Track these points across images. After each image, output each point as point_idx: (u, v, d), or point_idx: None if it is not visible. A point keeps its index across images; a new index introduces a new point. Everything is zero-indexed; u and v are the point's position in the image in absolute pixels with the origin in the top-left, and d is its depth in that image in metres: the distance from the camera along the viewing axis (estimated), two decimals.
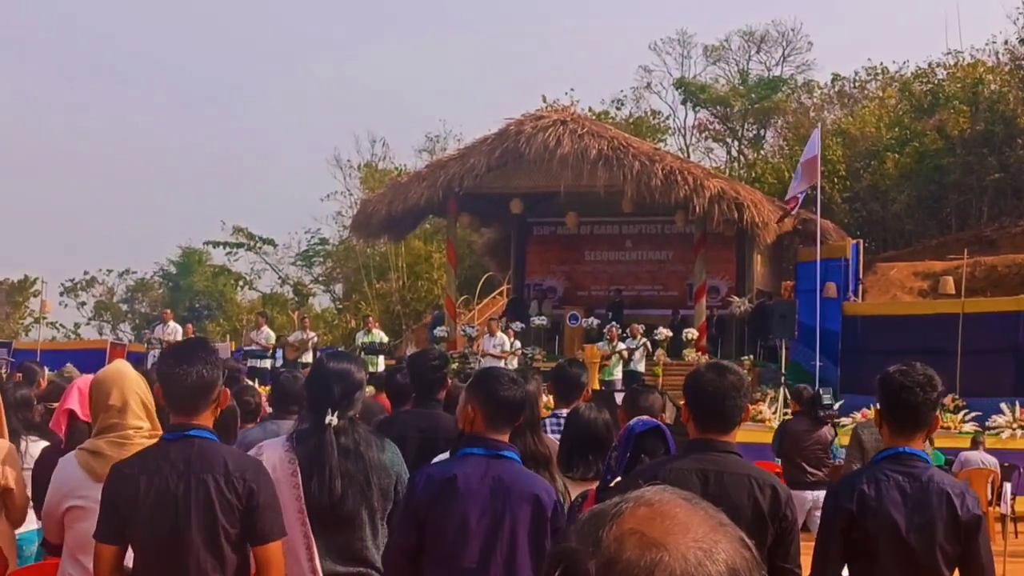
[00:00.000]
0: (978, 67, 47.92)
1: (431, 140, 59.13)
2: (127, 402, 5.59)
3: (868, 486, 5.11)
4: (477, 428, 5.26)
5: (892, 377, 5.21)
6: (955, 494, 5.07)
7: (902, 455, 5.16)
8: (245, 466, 5.03)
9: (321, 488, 5.59)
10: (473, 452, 5.19)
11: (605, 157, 30.88)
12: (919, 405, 5.15)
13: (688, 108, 60.83)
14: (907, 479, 5.08)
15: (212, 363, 5.07)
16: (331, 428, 5.66)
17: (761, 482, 5.01)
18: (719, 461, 5.00)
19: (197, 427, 5.00)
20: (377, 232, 36.22)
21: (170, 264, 71.73)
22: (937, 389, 5.20)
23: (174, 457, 4.92)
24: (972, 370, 24.86)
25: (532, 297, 36.22)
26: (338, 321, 55.12)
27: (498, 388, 5.28)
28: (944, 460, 17.74)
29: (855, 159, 48.22)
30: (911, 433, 5.20)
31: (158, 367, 5.21)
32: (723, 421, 5.07)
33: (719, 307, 33.54)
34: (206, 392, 5.04)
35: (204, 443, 4.99)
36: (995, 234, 42.08)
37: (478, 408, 5.29)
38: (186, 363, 5.00)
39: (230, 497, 4.89)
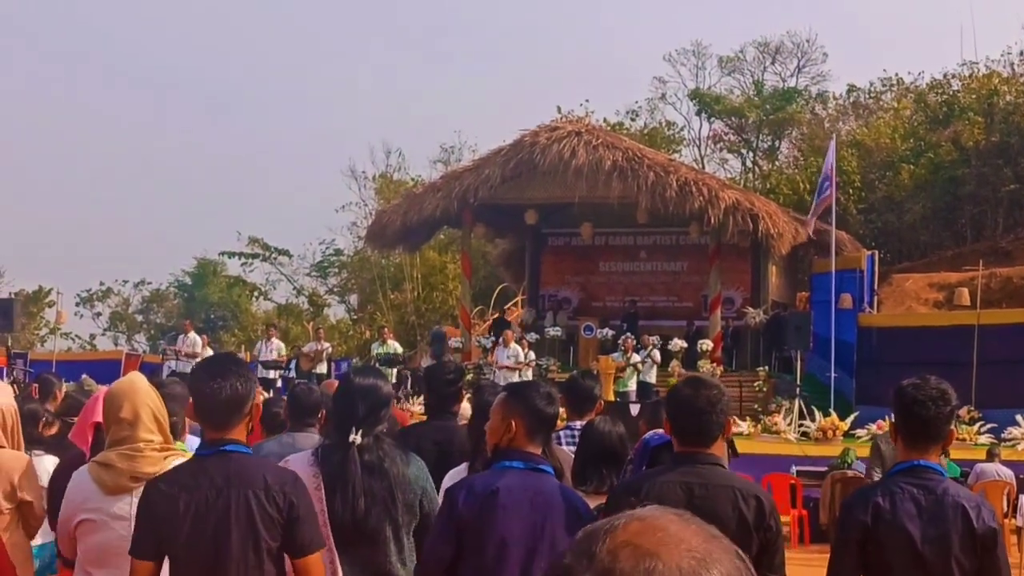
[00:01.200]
0: (993, 78, 47.83)
1: (446, 151, 59.14)
2: (138, 415, 5.60)
3: (883, 499, 5.12)
4: (517, 442, 5.27)
5: (906, 391, 5.23)
6: (971, 507, 5.07)
7: (917, 468, 5.17)
8: (284, 479, 5.04)
9: (344, 506, 5.58)
10: (513, 465, 5.20)
11: (620, 168, 30.90)
12: (933, 418, 5.16)
13: (703, 119, 60.83)
14: (922, 492, 5.09)
15: (246, 377, 5.09)
16: (355, 446, 5.66)
17: (745, 493, 5.04)
18: (703, 473, 5.04)
19: (232, 441, 5.01)
20: (392, 243, 36.28)
21: (185, 275, 71.80)
22: (951, 403, 5.20)
23: (213, 473, 4.92)
24: (988, 382, 24.83)
25: (547, 308, 36.22)
26: (353, 332, 55.13)
27: (539, 402, 5.32)
28: (959, 472, 17.71)
29: (870, 170, 48.14)
30: (925, 446, 5.21)
31: (191, 382, 5.22)
32: (702, 435, 5.12)
33: (734, 318, 33.50)
34: (240, 406, 5.05)
35: (242, 458, 5.01)
36: (1010, 245, 42.00)
37: (520, 421, 5.29)
38: (220, 378, 5.01)
39: (271, 511, 4.91)
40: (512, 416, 5.32)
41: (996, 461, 18.26)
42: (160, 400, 5.76)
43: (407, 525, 5.75)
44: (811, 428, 22.73)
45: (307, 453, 5.87)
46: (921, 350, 26.03)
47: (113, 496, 5.41)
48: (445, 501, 5.32)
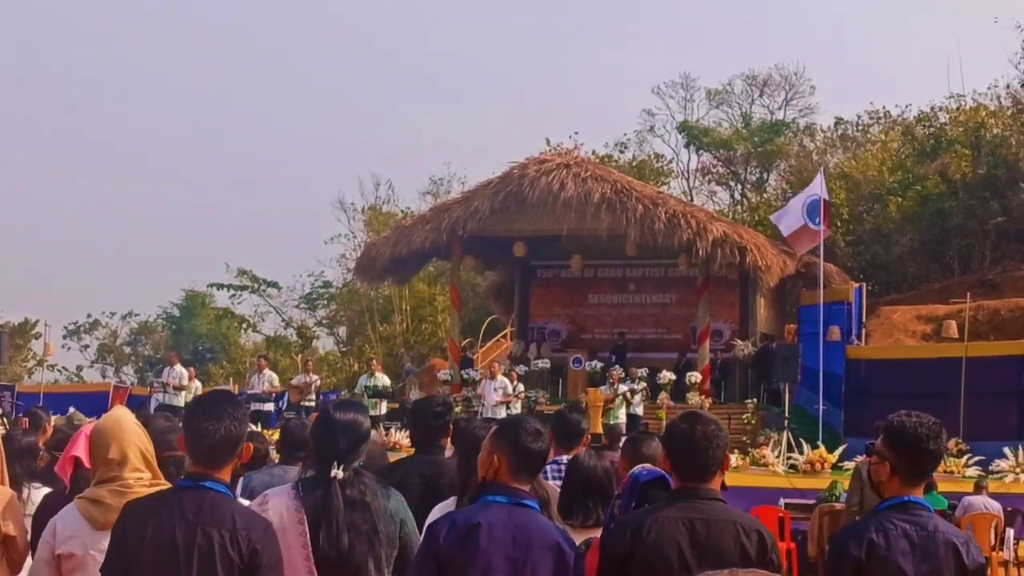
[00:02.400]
0: (980, 111, 48.06)
1: (435, 183, 59.25)
2: (126, 455, 5.59)
3: (877, 534, 5.13)
4: (501, 477, 5.26)
5: (906, 427, 5.23)
6: (960, 543, 5.12)
7: (908, 504, 5.19)
8: (253, 525, 5.00)
9: (329, 541, 5.57)
10: (496, 500, 5.19)
11: (608, 200, 30.98)
12: (932, 453, 5.22)
13: (691, 151, 61.03)
14: (914, 528, 5.11)
15: (239, 419, 5.09)
16: (336, 481, 5.66)
17: (747, 528, 5.03)
18: (704, 509, 5.03)
19: (213, 479, 5.00)
20: (381, 275, 36.32)
21: (173, 307, 71.78)
22: (944, 438, 5.27)
23: (186, 506, 4.91)
24: (975, 414, 24.83)
25: (536, 340, 36.21)
26: (342, 364, 55.09)
27: (525, 439, 5.30)
28: (947, 505, 17.71)
29: (858, 202, 48.29)
30: (918, 481, 5.26)
31: (185, 421, 5.17)
32: (700, 471, 5.12)
33: (723, 350, 33.54)
34: (232, 448, 5.06)
35: (217, 496, 4.98)
36: (998, 278, 42.11)
37: (504, 458, 5.30)
38: (215, 419, 5.01)
39: (232, 554, 4.86)
40: (497, 451, 5.32)
41: (984, 494, 18.26)
42: (147, 436, 5.75)
43: (387, 557, 5.75)
44: (799, 460, 22.69)
45: (288, 486, 5.86)
46: (909, 382, 26.03)
47: (101, 532, 5.39)
48: (426, 535, 5.32)
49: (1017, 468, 21.71)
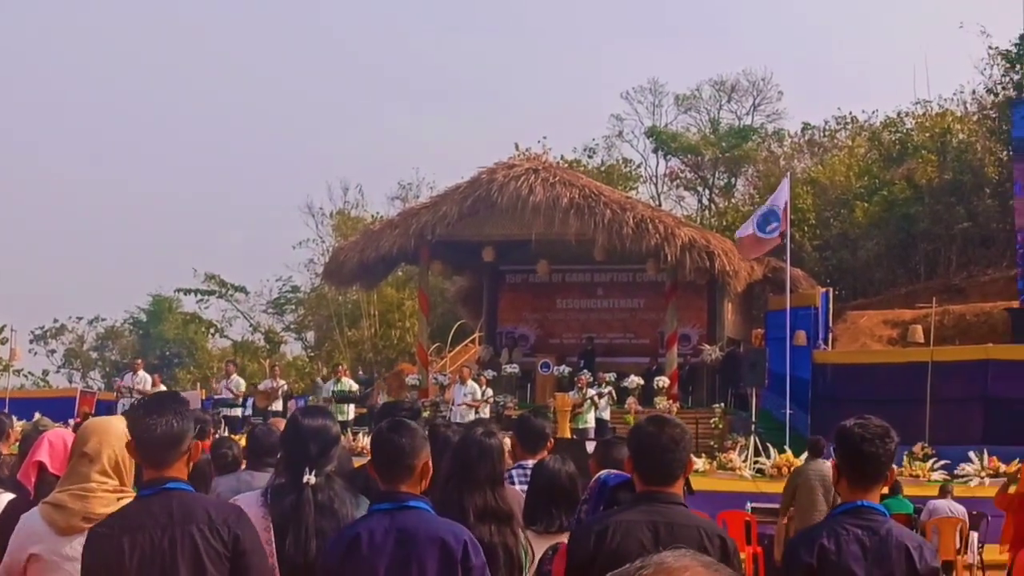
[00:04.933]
0: (946, 116, 48.33)
1: (404, 188, 59.26)
2: (100, 453, 5.57)
3: (828, 540, 5.15)
4: (381, 483, 5.29)
5: (850, 430, 5.27)
6: (913, 547, 5.13)
7: (861, 509, 5.21)
8: (228, 513, 5.02)
9: (297, 548, 5.57)
10: (380, 508, 5.20)
11: (577, 205, 31.01)
12: (878, 457, 5.21)
13: (659, 156, 61.22)
14: (867, 533, 5.13)
15: (182, 415, 5.05)
16: (309, 486, 5.67)
17: (710, 533, 5.07)
18: (667, 513, 5.05)
19: (172, 479, 4.99)
20: (349, 280, 36.27)
21: (140, 311, 71.45)
22: (894, 440, 5.25)
23: (156, 512, 4.89)
24: (941, 418, 24.98)
25: (504, 345, 36.20)
26: (310, 369, 54.96)
27: (382, 436, 5.32)
28: (913, 509, 17.79)
29: (825, 207, 48.51)
30: (869, 486, 5.26)
31: (129, 420, 5.19)
32: (665, 474, 5.13)
33: (690, 355, 33.61)
34: (175, 443, 5.01)
35: (183, 495, 4.98)
36: (963, 283, 42.34)
37: (371, 464, 5.36)
38: (156, 414, 4.99)
39: (216, 545, 4.88)
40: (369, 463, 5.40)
41: (949, 498, 18.36)
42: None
43: None
44: (766, 465, 22.78)
45: (256, 493, 5.87)
46: (875, 387, 26.16)
47: (65, 537, 5.37)
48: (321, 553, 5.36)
49: (982, 472, 21.84)
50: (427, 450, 5.34)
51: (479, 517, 5.82)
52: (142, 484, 5.17)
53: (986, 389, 26.04)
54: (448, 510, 5.57)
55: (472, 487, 5.92)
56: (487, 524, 5.84)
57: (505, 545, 5.88)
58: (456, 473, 5.99)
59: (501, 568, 5.80)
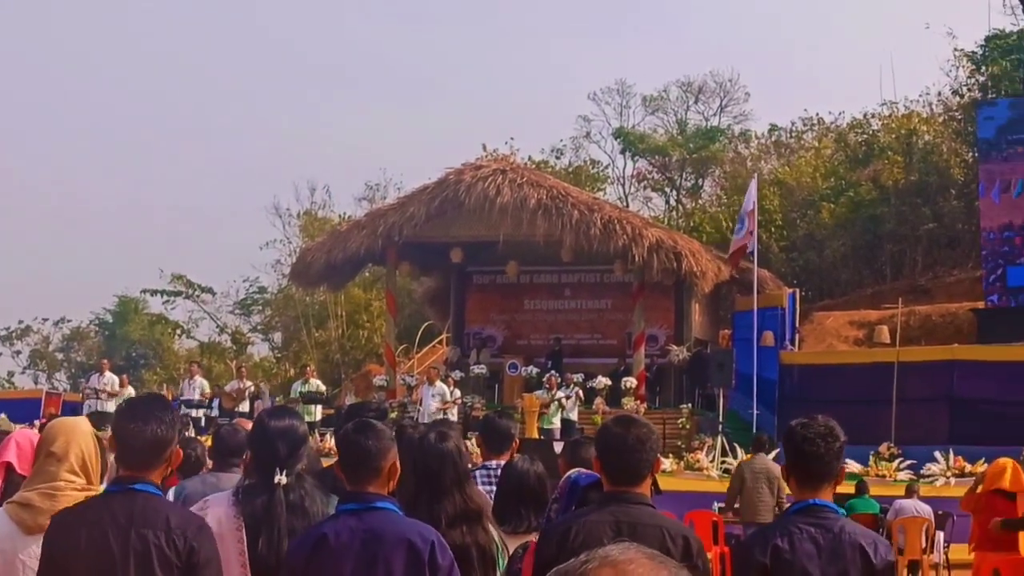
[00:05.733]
0: (912, 118, 48.52)
1: (371, 188, 59.17)
2: (68, 453, 5.55)
3: (782, 539, 5.13)
4: (348, 484, 5.28)
5: (794, 431, 5.30)
6: (867, 544, 5.12)
7: (813, 507, 5.21)
8: (187, 523, 4.98)
9: (269, 548, 5.55)
10: (346, 508, 5.19)
11: (544, 206, 31.01)
12: (822, 456, 5.21)
13: (627, 158, 61.24)
14: (820, 531, 5.12)
15: (168, 423, 5.05)
16: (280, 487, 5.65)
17: (674, 533, 5.07)
18: (632, 513, 5.06)
19: (143, 481, 4.97)
20: (316, 281, 36.18)
21: (106, 312, 71.10)
22: (839, 439, 5.25)
23: (116, 510, 4.87)
24: (907, 418, 25.12)
25: (472, 345, 36.17)
26: (277, 370, 54.84)
27: (349, 437, 5.31)
28: (879, 509, 17.88)
29: (791, 209, 48.66)
30: (818, 484, 5.25)
31: (114, 421, 5.17)
32: (631, 474, 5.14)
33: (658, 355, 33.64)
34: (159, 451, 5.02)
35: (149, 498, 4.95)
36: (929, 283, 42.55)
37: (338, 465, 5.34)
38: (141, 421, 4.99)
39: (169, 554, 4.84)
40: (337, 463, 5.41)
41: (915, 497, 18.45)
42: (96, 448, 5.72)
43: None
44: (733, 465, 22.81)
45: (228, 493, 5.84)
46: (842, 387, 26.28)
47: (32, 536, 5.34)
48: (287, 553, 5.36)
49: (948, 472, 21.99)
50: (394, 451, 5.32)
51: (450, 523, 5.80)
52: (113, 480, 5.15)
53: (952, 389, 26.18)
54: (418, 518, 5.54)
55: (440, 496, 5.90)
56: (458, 527, 5.83)
57: (477, 543, 5.87)
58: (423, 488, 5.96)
59: (475, 567, 5.79)
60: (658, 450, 5.25)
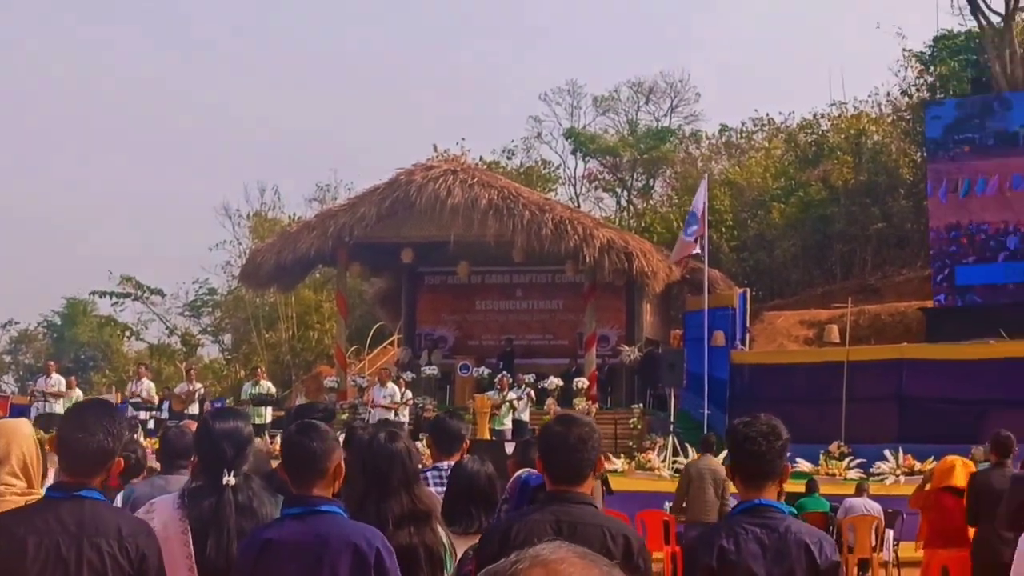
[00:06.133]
0: (861, 118, 48.78)
1: (321, 189, 59.01)
2: (8, 455, 5.48)
3: (727, 540, 5.13)
4: (292, 487, 5.25)
5: (736, 429, 5.30)
6: (812, 543, 5.12)
7: (759, 507, 5.21)
8: (138, 531, 4.96)
9: (219, 551, 5.51)
10: (291, 512, 5.17)
11: (495, 207, 30.99)
12: (764, 454, 5.20)
13: (578, 158, 61.36)
14: (765, 531, 5.12)
15: (115, 434, 5.00)
16: (229, 488, 5.61)
17: (614, 532, 5.03)
18: (573, 512, 5.03)
19: (87, 487, 4.92)
20: (266, 282, 35.99)
21: (54, 315, 70.67)
22: (781, 438, 5.24)
23: (65, 519, 4.82)
24: (857, 417, 25.22)
25: (423, 346, 36.09)
26: (227, 372, 54.58)
27: (292, 440, 5.28)
28: (829, 507, 17.94)
29: (742, 209, 48.83)
30: (761, 483, 5.24)
31: (61, 429, 5.11)
32: (573, 473, 5.11)
33: (609, 356, 33.67)
34: (104, 461, 4.98)
35: (96, 505, 4.91)
36: (879, 283, 42.81)
37: (282, 468, 5.31)
38: (89, 432, 4.93)
39: (123, 562, 4.82)
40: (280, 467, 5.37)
41: (865, 496, 18.51)
42: (38, 451, 5.65)
43: None
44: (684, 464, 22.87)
45: (173, 496, 5.79)
46: (792, 386, 26.38)
47: None
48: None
49: (897, 470, 22.07)
50: (339, 452, 5.30)
51: (397, 524, 5.76)
52: (52, 485, 5.09)
53: (901, 388, 26.30)
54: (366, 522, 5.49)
55: (387, 496, 5.85)
56: (405, 528, 5.78)
57: (425, 544, 5.82)
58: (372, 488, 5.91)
59: (423, 567, 5.75)
60: (600, 449, 5.22)
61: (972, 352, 26.51)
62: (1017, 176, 32.87)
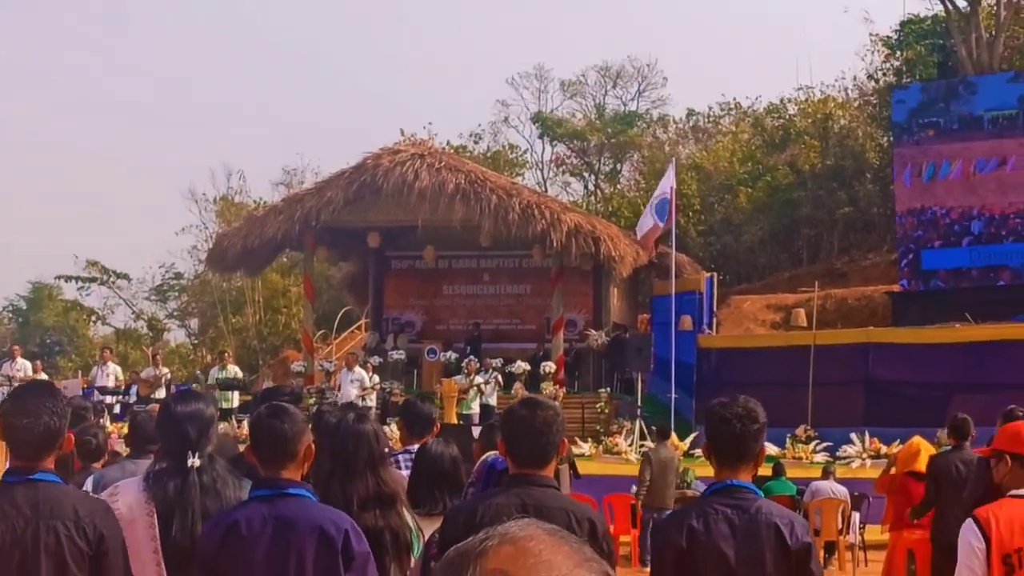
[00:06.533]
0: (828, 103, 48.95)
1: (288, 173, 58.83)
2: None
3: (697, 520, 5.15)
4: (261, 469, 5.23)
5: (713, 410, 5.31)
6: (783, 524, 5.12)
7: (731, 488, 5.22)
8: (94, 511, 4.95)
9: (183, 531, 5.51)
10: (258, 494, 5.16)
11: (462, 191, 30.92)
12: (740, 436, 5.21)
13: (545, 142, 61.33)
14: (735, 512, 5.13)
15: (58, 413, 5.00)
16: (194, 469, 5.61)
17: (579, 516, 5.05)
18: (537, 495, 5.04)
19: (41, 470, 4.91)
20: (233, 266, 35.82)
21: (20, 299, 70.24)
22: (758, 421, 5.25)
23: (20, 502, 4.81)
24: (823, 401, 25.29)
25: (390, 331, 36.03)
26: (194, 356, 54.41)
27: (262, 422, 5.25)
28: (796, 490, 18.00)
29: (709, 193, 48.97)
30: (736, 465, 5.26)
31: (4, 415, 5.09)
32: (537, 457, 5.12)
33: (576, 340, 33.67)
34: (51, 442, 4.97)
35: (50, 487, 4.90)
36: (845, 267, 42.98)
37: (249, 450, 5.28)
38: (32, 416, 4.93)
39: (80, 543, 4.81)
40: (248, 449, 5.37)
41: (831, 479, 18.58)
42: None
43: None
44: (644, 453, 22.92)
45: (137, 479, 5.79)
46: (759, 370, 26.42)
47: None
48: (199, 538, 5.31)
49: (863, 453, 22.18)
50: (308, 435, 5.30)
51: (362, 506, 5.75)
52: (7, 470, 5.06)
53: (867, 372, 26.41)
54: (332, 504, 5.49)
55: (353, 477, 5.84)
56: (371, 510, 5.78)
57: (391, 528, 5.83)
58: (337, 468, 5.90)
59: (388, 551, 5.75)
60: (563, 433, 5.22)
61: (938, 336, 26.65)
62: (982, 160, 33.03)
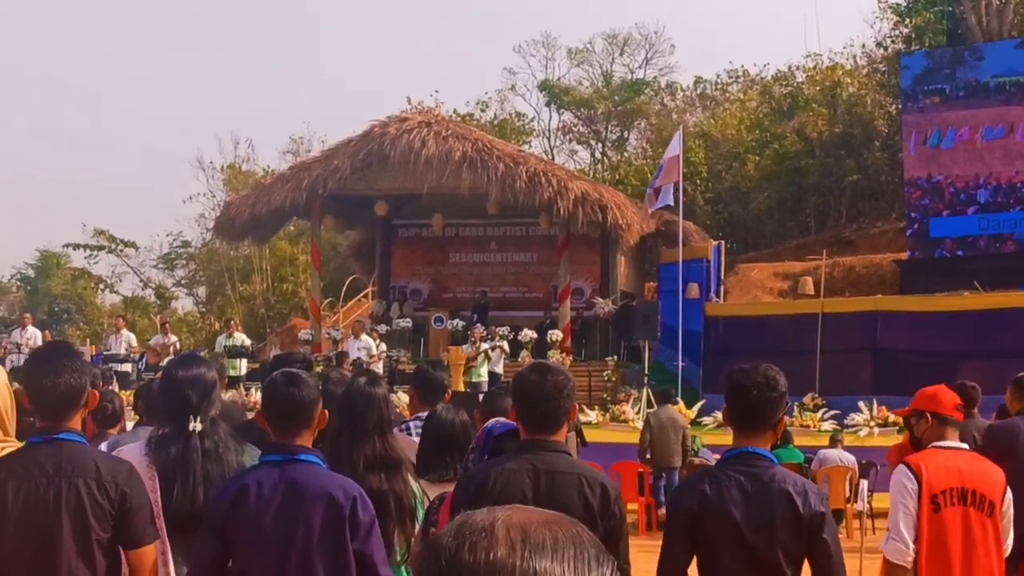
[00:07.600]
0: (836, 70, 48.73)
1: (295, 142, 58.70)
2: None
3: (709, 486, 5.18)
4: (273, 435, 5.25)
5: (734, 377, 5.31)
6: (796, 492, 5.13)
7: (746, 455, 5.23)
8: (117, 469, 4.98)
9: (184, 496, 5.55)
10: (269, 459, 5.18)
11: (469, 159, 30.89)
12: (758, 403, 5.21)
13: (552, 110, 61.12)
14: (748, 479, 5.15)
15: (79, 370, 5.03)
16: (196, 433, 5.64)
17: (591, 481, 5.04)
18: (549, 461, 5.03)
19: (66, 430, 4.95)
20: (240, 234, 35.82)
21: (28, 267, 70.29)
22: (777, 389, 5.24)
23: (43, 461, 4.85)
24: (831, 369, 25.29)
25: (397, 299, 36.05)
26: (201, 324, 54.44)
27: (277, 388, 5.27)
28: (804, 458, 18.03)
29: (717, 161, 48.82)
30: (753, 432, 5.26)
31: (24, 377, 5.14)
32: (548, 422, 5.11)
33: (584, 308, 33.66)
34: (75, 400, 5.00)
35: (74, 447, 4.93)
36: (853, 235, 42.87)
37: (262, 411, 5.29)
38: (53, 374, 4.96)
39: (102, 502, 4.84)
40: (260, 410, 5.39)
41: (839, 447, 18.63)
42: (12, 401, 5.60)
43: None
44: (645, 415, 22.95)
45: (139, 444, 5.83)
46: (766, 338, 26.41)
47: None
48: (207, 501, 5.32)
49: (871, 422, 22.17)
50: (320, 402, 5.32)
51: (368, 467, 5.80)
52: (33, 431, 5.07)
53: (875, 340, 26.39)
54: (338, 463, 5.53)
55: (360, 438, 5.88)
56: (376, 473, 5.82)
57: (395, 492, 5.88)
58: (345, 428, 5.92)
59: (392, 515, 5.79)
60: (574, 398, 5.21)
61: (946, 304, 26.61)
62: (988, 128, 32.88)
